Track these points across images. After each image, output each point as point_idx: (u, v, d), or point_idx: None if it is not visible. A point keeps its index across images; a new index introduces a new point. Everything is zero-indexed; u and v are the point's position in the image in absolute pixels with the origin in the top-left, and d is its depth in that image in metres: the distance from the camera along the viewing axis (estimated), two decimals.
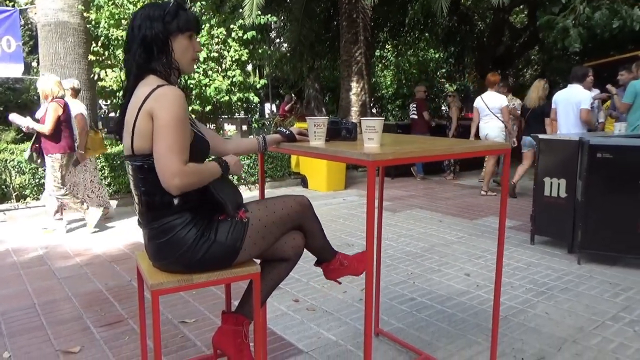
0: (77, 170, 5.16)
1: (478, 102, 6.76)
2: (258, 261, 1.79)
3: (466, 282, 3.40)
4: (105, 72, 6.72)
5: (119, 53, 6.62)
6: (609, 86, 6.03)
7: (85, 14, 6.58)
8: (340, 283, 2.16)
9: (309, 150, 1.72)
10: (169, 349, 2.47)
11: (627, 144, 3.66)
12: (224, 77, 7.22)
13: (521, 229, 4.75)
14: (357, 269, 2.02)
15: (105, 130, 17.80)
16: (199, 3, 7.20)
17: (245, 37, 7.36)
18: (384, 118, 1.67)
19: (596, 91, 6.49)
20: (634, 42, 12.10)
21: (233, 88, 7.40)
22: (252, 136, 2.07)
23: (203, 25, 6.99)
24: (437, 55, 16.97)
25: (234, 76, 7.28)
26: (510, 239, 4.44)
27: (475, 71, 15.98)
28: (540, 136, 4.30)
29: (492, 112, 6.60)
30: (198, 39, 1.72)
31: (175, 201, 1.59)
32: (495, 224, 5.10)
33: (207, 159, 1.73)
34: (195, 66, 1.73)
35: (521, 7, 14.71)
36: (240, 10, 12.55)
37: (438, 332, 2.64)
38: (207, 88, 7.06)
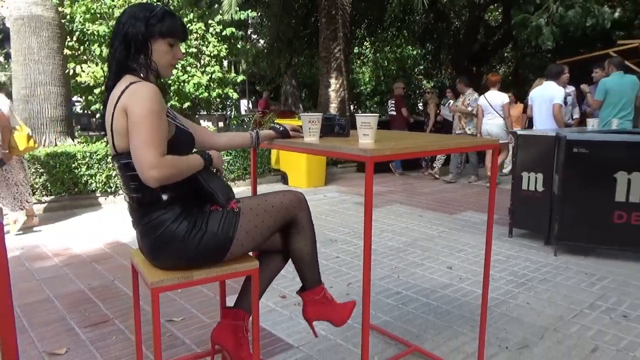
0: (16, 169, 4.71)
1: (482, 101, 7.02)
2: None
3: (449, 275, 3.47)
4: (81, 68, 6.56)
5: (95, 48, 6.48)
6: (583, 86, 6.22)
7: (60, 9, 6.41)
8: (316, 336, 2.08)
9: (305, 147, 1.73)
10: None
11: (602, 139, 3.79)
12: (202, 72, 7.14)
13: (499, 222, 4.87)
14: (342, 317, 1.91)
15: (78, 127, 17.37)
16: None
17: (224, 33, 7.29)
18: (378, 114, 1.69)
19: (571, 88, 6.68)
20: (602, 40, 12.48)
21: (212, 84, 7.34)
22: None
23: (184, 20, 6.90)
24: (414, 52, 17.16)
25: (213, 72, 7.22)
26: None
27: (452, 68, 16.21)
28: (519, 132, 4.42)
29: (494, 109, 6.84)
30: (182, 48, 1.73)
31: (164, 196, 1.59)
32: (473, 218, 5.21)
33: (191, 152, 1.73)
34: (172, 70, 1.74)
35: (496, 5, 14.98)
36: (216, 5, 12.43)
37: (425, 324, 2.69)
38: (186, 84, 6.97)
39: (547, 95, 5.41)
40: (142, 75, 1.63)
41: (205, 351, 2.32)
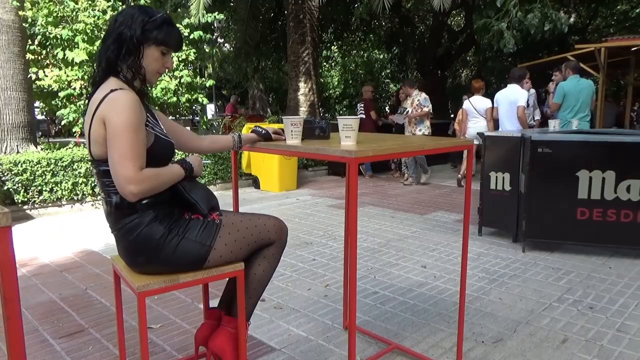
0: None
1: (467, 105, 7.17)
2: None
3: (424, 274, 3.55)
4: (44, 72, 6.37)
5: (58, 52, 6.30)
6: (550, 86, 6.48)
7: (20, 12, 6.22)
8: None
9: (288, 149, 1.75)
10: (137, 357, 2.41)
11: (565, 139, 3.96)
12: (171, 77, 7.05)
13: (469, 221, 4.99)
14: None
15: (40, 134, 16.79)
16: (142, 1, 6.99)
17: (192, 36, 7.23)
18: (359, 117, 1.73)
19: (532, 91, 6.94)
20: (560, 44, 13.03)
21: (180, 89, 7.25)
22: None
23: None
24: (381, 56, 17.42)
25: (181, 76, 7.13)
26: (459, 231, 4.67)
27: (417, 71, 16.53)
28: (486, 133, 4.56)
29: (479, 113, 6.98)
30: (174, 58, 1.72)
31: (141, 201, 1.59)
32: (444, 218, 5.34)
33: (172, 160, 1.73)
34: (158, 78, 1.73)
35: (458, 10, 15.38)
36: (179, 10, 12.27)
37: (403, 322, 2.75)
38: (154, 89, 6.86)
39: (512, 98, 5.61)
40: (127, 77, 1.62)
41: (188, 357, 2.31)
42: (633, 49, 8.61)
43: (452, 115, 9.74)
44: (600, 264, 3.74)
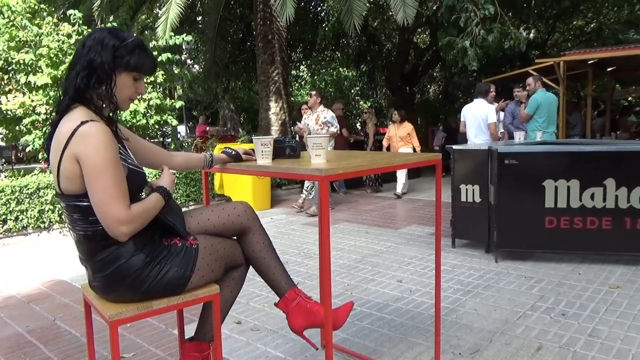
0: None
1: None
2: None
3: (400, 289, 3.57)
4: (6, 98, 6.21)
5: (21, 77, 6.17)
6: (502, 103, 6.67)
7: None
8: (316, 348, 2.01)
9: (259, 169, 1.75)
10: None
11: (530, 150, 4.08)
12: (140, 99, 6.98)
13: (442, 234, 5.05)
14: (336, 320, 1.81)
15: (3, 161, 16.26)
16: (109, 24, 6.93)
17: (160, 58, 7.19)
18: (329, 135, 1.75)
19: (496, 104, 7.12)
20: (521, 59, 13.49)
21: (149, 111, 7.18)
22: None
23: None
24: (350, 74, 17.66)
25: (150, 99, 7.07)
26: (433, 244, 4.70)
27: (386, 88, 16.82)
28: (454, 147, 4.66)
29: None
30: (145, 82, 1.67)
31: None
32: (417, 232, 5.39)
33: (145, 189, 1.70)
34: (130, 104, 1.66)
35: (423, 28, 15.79)
36: (146, 32, 12.20)
37: (381, 338, 2.75)
38: (122, 112, 6.77)
39: (481, 113, 5.76)
40: (97, 105, 1.56)
41: None
42: (590, 62, 8.99)
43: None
44: (570, 270, 3.84)
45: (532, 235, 4.01)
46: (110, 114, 1.66)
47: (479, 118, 5.80)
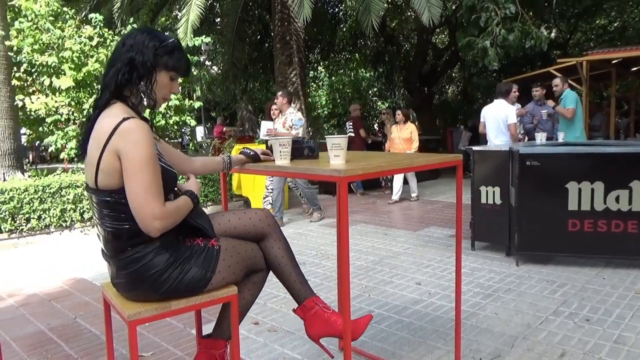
0: None
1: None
2: None
3: (418, 291, 3.53)
4: (30, 99, 6.34)
5: (45, 79, 6.29)
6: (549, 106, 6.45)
7: (7, 43, 6.22)
8: (332, 356, 2.00)
9: (277, 170, 1.74)
10: None
11: (552, 151, 4.00)
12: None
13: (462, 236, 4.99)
14: (354, 331, 1.77)
15: (27, 160, 16.59)
16: (129, 26, 7.02)
17: None
18: (347, 136, 1.73)
19: (518, 105, 6.99)
20: (542, 59, 13.27)
21: (169, 111, 7.25)
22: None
23: None
24: (368, 75, 17.60)
25: (169, 99, 7.13)
26: (452, 246, 4.66)
27: (404, 89, 16.72)
28: (474, 148, 4.59)
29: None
30: (180, 82, 1.69)
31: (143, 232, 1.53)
32: (436, 234, 5.33)
33: (173, 189, 1.70)
34: (165, 103, 1.71)
35: (442, 28, 15.66)
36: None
37: (399, 341, 2.71)
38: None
39: (501, 114, 5.67)
40: (134, 102, 1.59)
41: None
42: (614, 61, 8.79)
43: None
44: (594, 275, 3.75)
45: (554, 238, 3.92)
46: (146, 114, 1.68)
47: (499, 119, 5.71)
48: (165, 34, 1.66)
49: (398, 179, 7.69)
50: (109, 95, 1.57)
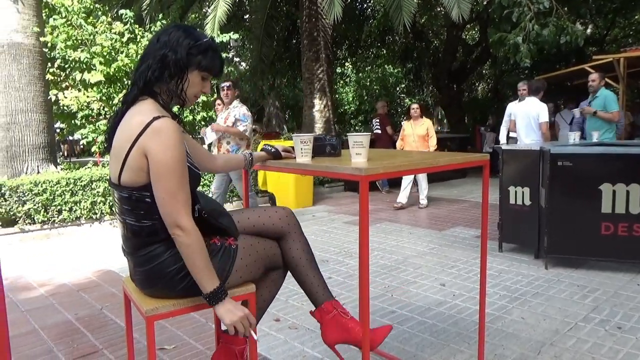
0: None
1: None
2: None
3: (442, 292, 3.46)
4: (63, 94, 6.51)
5: (76, 74, 6.45)
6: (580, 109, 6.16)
7: (42, 39, 6.40)
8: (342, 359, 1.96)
9: (298, 167, 1.72)
10: None
11: (585, 151, 3.86)
12: None
13: (488, 237, 4.87)
14: (372, 339, 1.75)
15: (61, 153, 17.06)
16: (159, 22, 7.12)
17: None
18: (370, 134, 1.70)
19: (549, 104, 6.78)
20: (577, 55, 12.85)
21: (196, 107, 7.33)
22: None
23: None
24: (396, 71, 17.43)
25: None
26: (478, 247, 4.56)
27: (433, 85, 16.48)
28: (504, 147, 4.47)
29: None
30: (211, 83, 1.65)
31: (162, 230, 1.53)
32: (463, 234, 5.23)
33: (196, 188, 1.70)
34: (194, 101, 1.65)
35: (472, 24, 15.35)
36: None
37: (421, 343, 2.66)
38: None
39: (533, 112, 5.51)
40: (164, 99, 1.57)
41: None
42: None
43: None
44: (627, 281, 3.60)
45: (586, 241, 3.79)
46: (177, 113, 1.67)
47: (530, 117, 5.56)
48: (202, 32, 1.63)
49: (406, 178, 6.92)
50: (137, 91, 1.55)
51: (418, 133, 6.82)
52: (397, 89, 17.99)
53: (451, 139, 11.13)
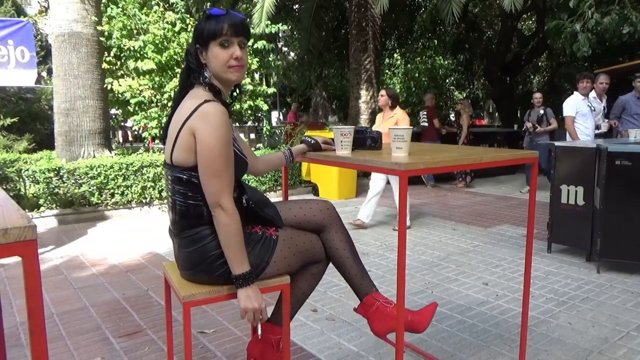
0: None
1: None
2: None
3: (485, 292, 3.36)
4: (118, 82, 6.77)
5: (130, 63, 6.68)
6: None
7: (99, 27, 6.66)
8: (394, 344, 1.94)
9: (337, 160, 1.71)
10: None
11: None
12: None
13: (537, 237, 4.70)
14: (419, 322, 1.78)
15: (118, 141, 17.76)
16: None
17: (255, 46, 7.39)
18: (412, 127, 1.66)
19: (604, 98, 6.31)
20: None
21: (244, 96, 7.42)
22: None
23: None
24: (445, 63, 16.99)
25: (244, 84, 7.31)
26: (525, 246, 4.39)
27: (484, 78, 15.95)
28: (557, 144, 4.27)
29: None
30: (238, 44, 1.56)
31: (207, 213, 1.57)
32: (509, 232, 5.06)
33: (243, 176, 1.72)
34: (235, 72, 1.58)
35: (529, 14, 14.71)
36: (248, 20, 12.64)
37: (460, 343, 2.60)
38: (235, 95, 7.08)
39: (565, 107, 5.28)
40: (210, 88, 1.59)
41: None
42: None
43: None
44: None
45: None
46: (228, 100, 1.68)
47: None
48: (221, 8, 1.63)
49: (373, 188, 5.32)
50: (179, 89, 1.65)
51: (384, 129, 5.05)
52: (447, 81, 17.53)
53: (501, 133, 10.77)
